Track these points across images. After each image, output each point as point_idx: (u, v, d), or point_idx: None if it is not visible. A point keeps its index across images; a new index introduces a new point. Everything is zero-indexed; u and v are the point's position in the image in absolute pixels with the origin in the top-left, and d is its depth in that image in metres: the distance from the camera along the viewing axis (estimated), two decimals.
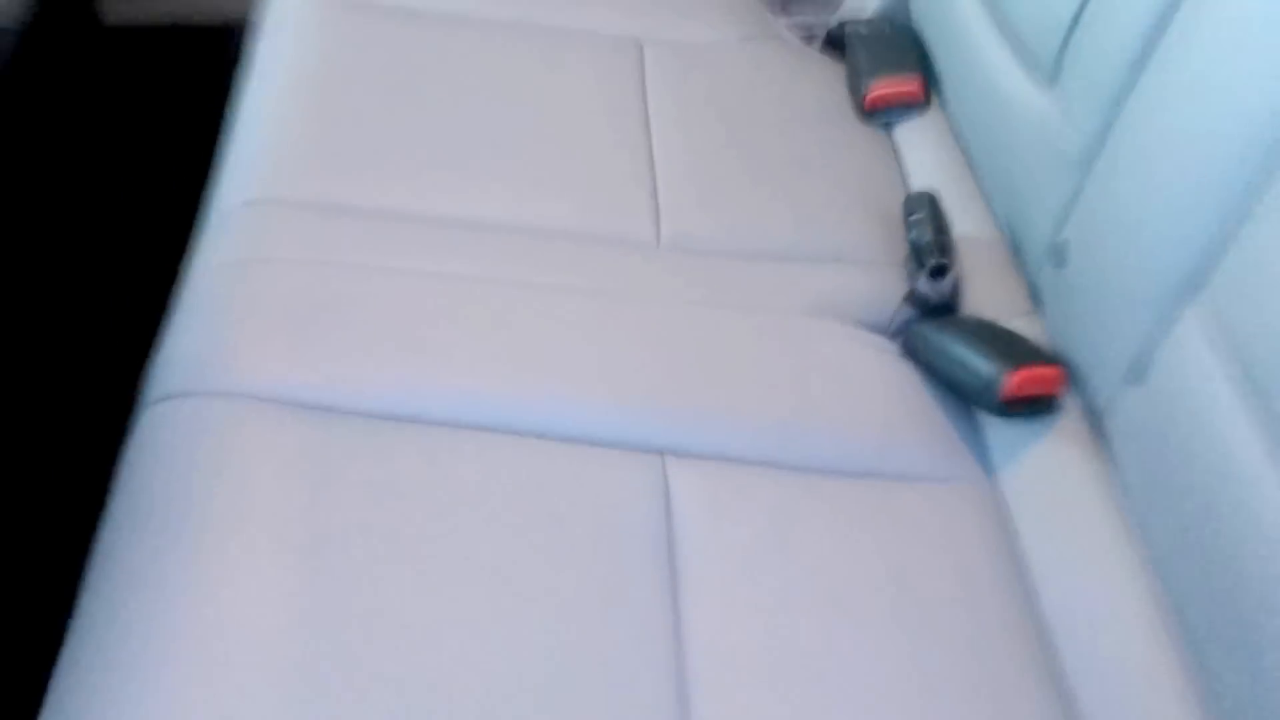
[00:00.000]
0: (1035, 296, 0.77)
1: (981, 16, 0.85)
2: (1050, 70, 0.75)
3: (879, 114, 0.96)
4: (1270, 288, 0.55)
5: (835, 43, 1.03)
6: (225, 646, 0.54)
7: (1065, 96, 0.73)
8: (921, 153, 0.93)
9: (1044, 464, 0.71)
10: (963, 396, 0.73)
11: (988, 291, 0.80)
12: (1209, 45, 0.61)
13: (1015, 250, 0.80)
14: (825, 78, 1.00)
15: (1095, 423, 0.69)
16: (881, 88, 0.95)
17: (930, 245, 0.79)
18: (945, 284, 0.78)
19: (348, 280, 0.72)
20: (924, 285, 0.78)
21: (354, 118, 0.85)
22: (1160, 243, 0.63)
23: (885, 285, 0.80)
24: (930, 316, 0.78)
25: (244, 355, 0.65)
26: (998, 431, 0.73)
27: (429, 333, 0.69)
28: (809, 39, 1.05)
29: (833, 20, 1.04)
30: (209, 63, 1.15)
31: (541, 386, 0.69)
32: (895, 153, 0.94)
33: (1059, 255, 0.73)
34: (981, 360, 0.70)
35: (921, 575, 0.65)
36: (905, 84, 0.95)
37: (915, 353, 0.75)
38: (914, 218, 0.81)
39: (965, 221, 0.85)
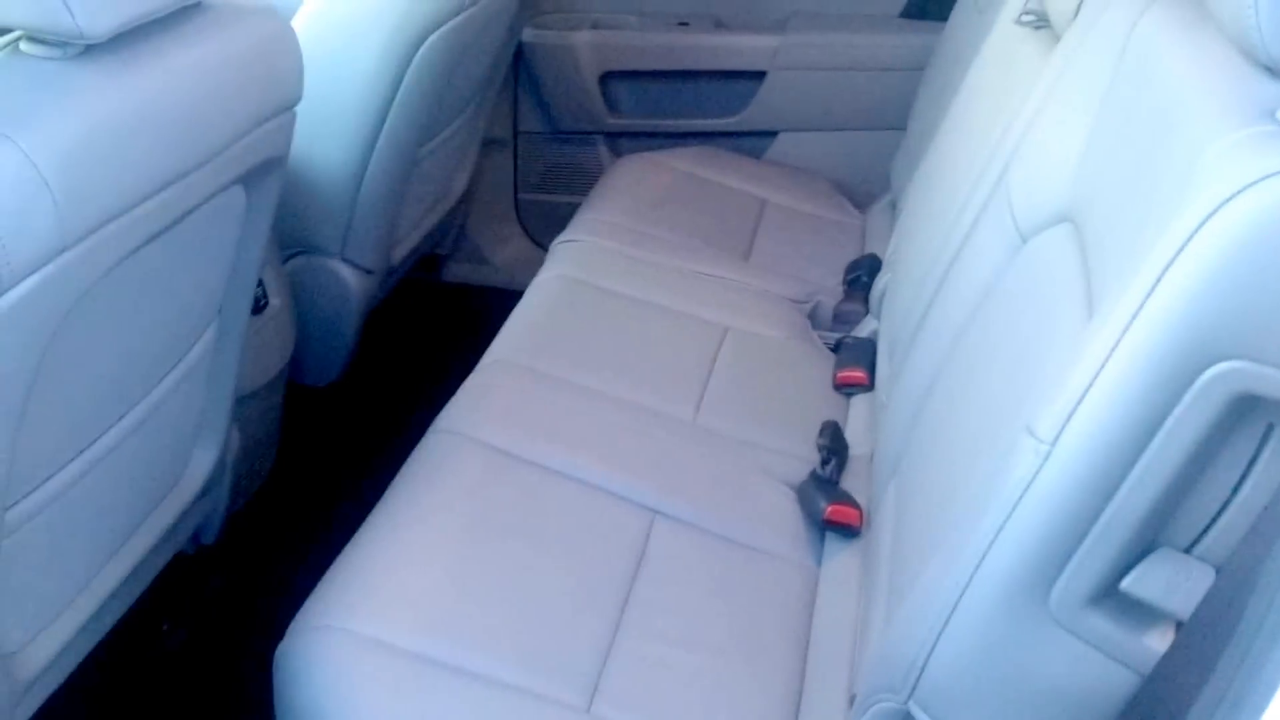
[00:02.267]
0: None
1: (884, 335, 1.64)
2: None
3: (844, 389, 1.73)
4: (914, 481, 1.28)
5: (836, 348, 1.82)
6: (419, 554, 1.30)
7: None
8: (859, 410, 1.69)
9: (842, 561, 1.43)
10: (811, 517, 1.46)
11: (854, 479, 1.53)
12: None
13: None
14: (825, 366, 1.78)
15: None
16: (845, 375, 1.73)
17: (827, 452, 1.55)
18: (829, 471, 1.53)
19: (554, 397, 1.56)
20: (819, 470, 1.53)
21: (569, 339, 1.71)
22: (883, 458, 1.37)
23: (805, 467, 1.55)
24: (820, 484, 1.52)
25: (489, 421, 1.49)
26: (829, 539, 1.45)
27: (578, 430, 1.51)
28: (830, 344, 1.85)
29: (841, 337, 1.84)
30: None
31: (621, 469, 1.47)
32: (847, 409, 1.70)
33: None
34: (818, 498, 1.45)
35: (764, 602, 1.36)
36: (859, 374, 1.72)
37: (801, 498, 1.50)
38: (821, 438, 1.57)
39: (861, 444, 1.59)
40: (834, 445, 1.56)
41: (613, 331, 1.74)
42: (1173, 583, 0.81)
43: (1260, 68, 0.86)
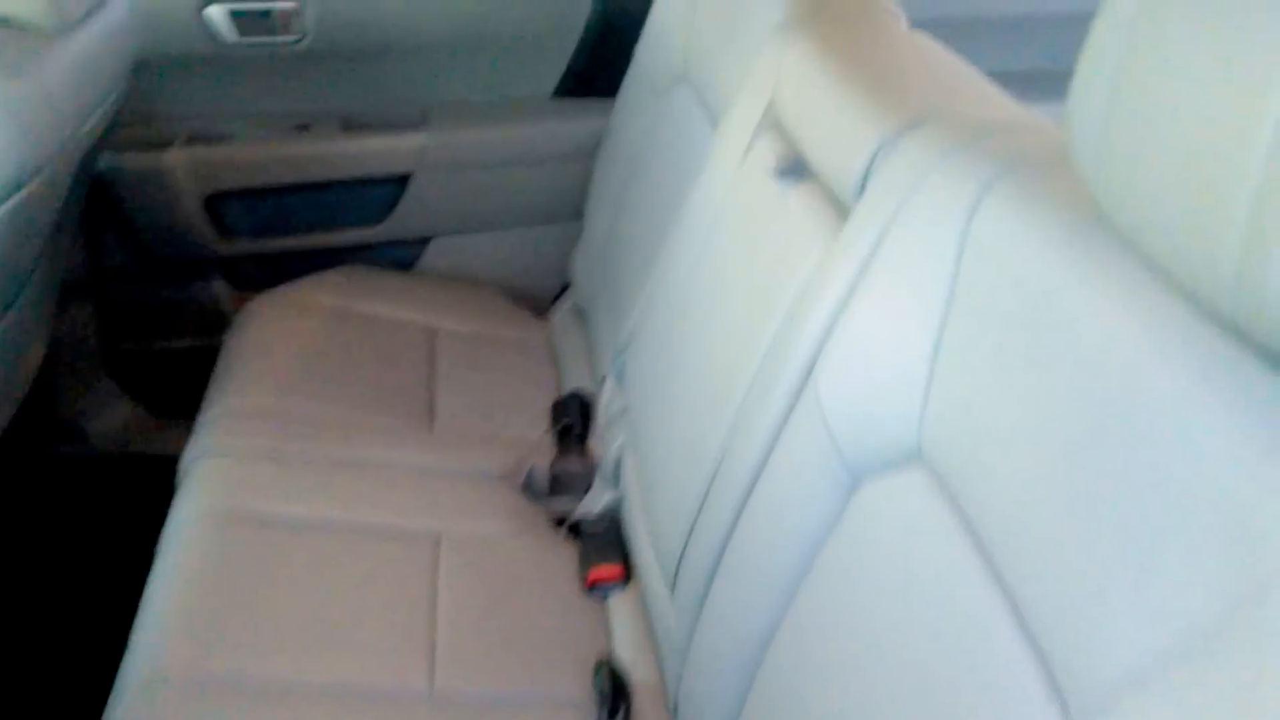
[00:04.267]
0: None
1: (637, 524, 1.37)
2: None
3: (597, 588, 1.43)
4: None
5: (574, 529, 1.52)
6: None
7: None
8: (622, 615, 1.40)
9: None
10: None
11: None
12: None
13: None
14: (565, 562, 1.47)
15: None
16: (596, 574, 1.43)
17: (610, 699, 1.25)
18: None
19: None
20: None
21: (238, 613, 1.29)
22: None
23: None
24: None
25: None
26: None
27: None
28: (559, 521, 1.54)
29: (574, 513, 1.54)
30: (146, 490, 1.52)
31: None
32: (607, 615, 1.41)
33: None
34: None
35: None
36: (612, 570, 1.43)
37: None
38: (596, 677, 1.28)
39: (639, 667, 1.31)
40: (614, 688, 1.27)
41: (296, 585, 1.32)
42: None
43: (1229, 332, 0.65)
